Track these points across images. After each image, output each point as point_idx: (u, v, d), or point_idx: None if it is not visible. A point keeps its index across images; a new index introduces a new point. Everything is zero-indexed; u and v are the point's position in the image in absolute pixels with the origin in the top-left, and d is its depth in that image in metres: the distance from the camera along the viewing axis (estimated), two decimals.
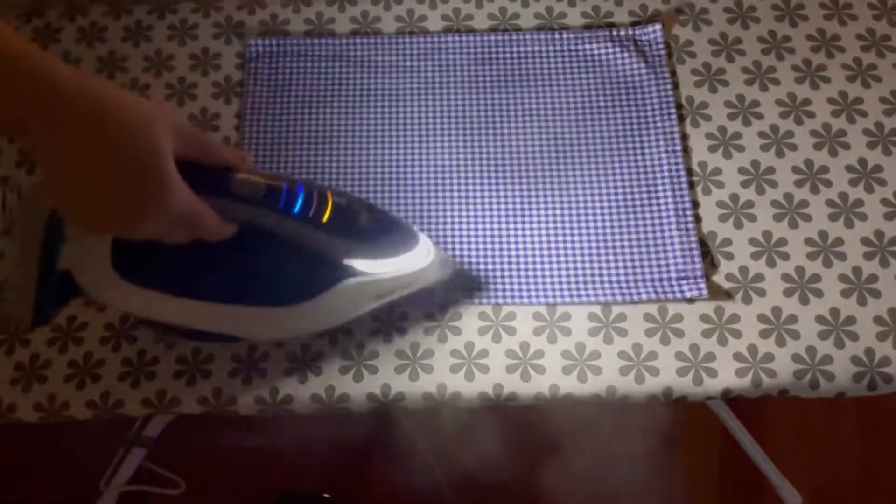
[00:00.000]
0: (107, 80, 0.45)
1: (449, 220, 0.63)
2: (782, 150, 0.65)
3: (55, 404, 0.58)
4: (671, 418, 1.24)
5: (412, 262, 0.57)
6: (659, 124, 0.66)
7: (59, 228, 0.51)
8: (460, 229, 0.63)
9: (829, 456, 1.23)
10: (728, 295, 0.60)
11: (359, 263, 0.55)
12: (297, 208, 0.50)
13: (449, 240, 0.62)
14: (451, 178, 0.65)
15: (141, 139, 0.43)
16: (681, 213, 0.62)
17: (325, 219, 0.52)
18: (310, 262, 0.54)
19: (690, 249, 0.61)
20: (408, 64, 0.69)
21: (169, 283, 0.54)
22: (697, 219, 0.62)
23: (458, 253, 0.62)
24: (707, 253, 0.61)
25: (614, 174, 0.64)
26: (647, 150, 0.65)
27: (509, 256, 0.62)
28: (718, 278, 0.60)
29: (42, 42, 0.71)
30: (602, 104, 0.67)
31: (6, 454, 1.10)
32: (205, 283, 0.55)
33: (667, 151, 0.65)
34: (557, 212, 0.63)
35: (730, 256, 0.61)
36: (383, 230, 0.56)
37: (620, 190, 0.64)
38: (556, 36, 0.70)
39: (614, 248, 0.62)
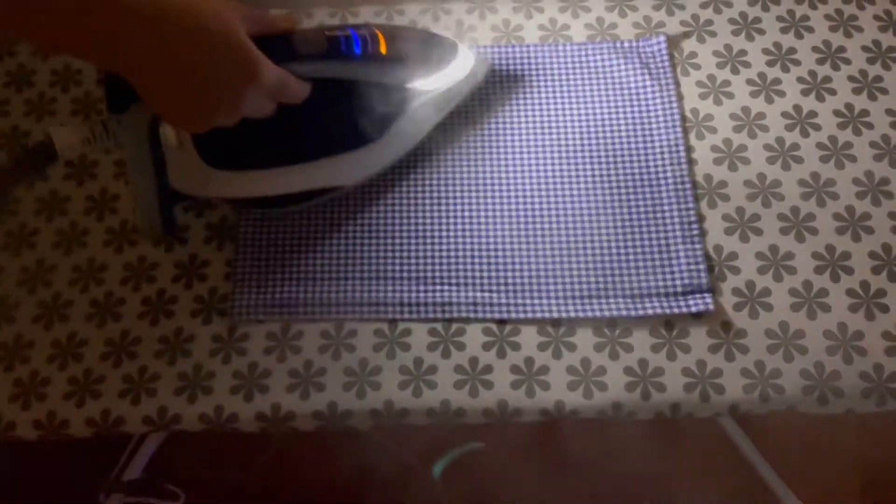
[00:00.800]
0: None
1: (452, 232, 0.63)
2: (788, 163, 0.64)
3: (55, 422, 0.58)
4: (674, 428, 1.24)
5: (459, 69, 0.63)
6: (664, 136, 0.65)
7: (157, 144, 0.55)
8: (464, 243, 0.62)
9: (831, 466, 1.22)
10: (734, 309, 0.59)
11: (419, 83, 0.60)
12: (357, 49, 0.55)
13: (453, 253, 0.62)
14: (454, 189, 0.64)
15: (222, 29, 0.47)
16: (686, 226, 0.62)
17: (383, 50, 0.57)
18: (381, 95, 0.59)
19: (696, 263, 0.60)
20: None
21: (259, 159, 0.59)
22: (703, 232, 0.62)
23: (461, 266, 0.61)
24: (713, 267, 0.61)
25: (619, 187, 0.64)
26: (651, 163, 0.64)
27: (514, 270, 0.61)
28: (725, 293, 0.60)
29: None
30: (606, 116, 0.67)
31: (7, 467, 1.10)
32: (293, 147, 0.59)
33: (672, 164, 0.64)
34: (562, 225, 0.63)
35: (736, 270, 0.61)
36: (430, 47, 0.61)
37: (626, 203, 0.63)
38: (560, 48, 0.69)
39: (619, 262, 0.61)
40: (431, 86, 0.62)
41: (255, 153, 0.59)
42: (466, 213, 0.63)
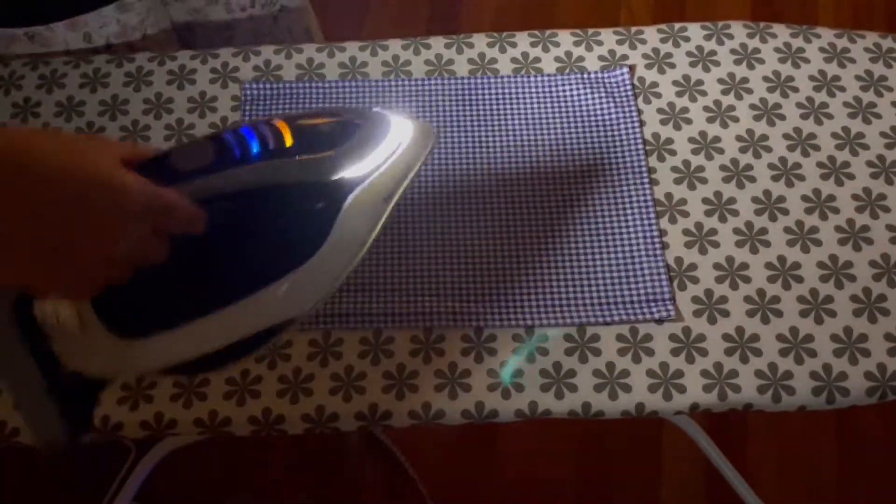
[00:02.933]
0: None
1: (433, 247, 0.67)
2: (742, 182, 0.70)
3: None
4: (656, 447, 1.27)
5: (396, 143, 0.50)
6: (628, 159, 0.70)
7: (34, 331, 0.44)
8: (442, 257, 0.67)
9: (807, 481, 1.26)
10: (694, 316, 0.64)
11: (348, 172, 0.48)
12: (255, 149, 0.45)
13: (434, 266, 0.66)
14: (431, 209, 0.69)
15: (70, 167, 0.39)
16: (649, 240, 0.67)
17: (288, 144, 0.46)
18: (303, 198, 0.48)
19: (659, 274, 0.65)
20: (393, 105, 0.74)
21: (184, 312, 0.47)
22: (665, 246, 0.67)
23: (440, 280, 0.66)
24: (674, 277, 0.65)
25: (587, 205, 0.69)
26: (617, 183, 0.69)
27: (489, 282, 0.66)
28: (685, 301, 0.64)
29: (48, 87, 0.75)
30: (575, 141, 0.72)
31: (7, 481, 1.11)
32: (219, 288, 0.48)
33: (635, 184, 0.69)
34: (535, 240, 0.67)
35: (695, 280, 0.65)
36: (350, 125, 0.50)
37: (593, 220, 0.68)
38: (532, 79, 0.75)
39: (588, 273, 0.66)
40: (364, 171, 0.49)
41: (176, 306, 0.48)
42: (446, 230, 0.68)
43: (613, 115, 0.73)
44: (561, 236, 0.67)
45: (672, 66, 0.76)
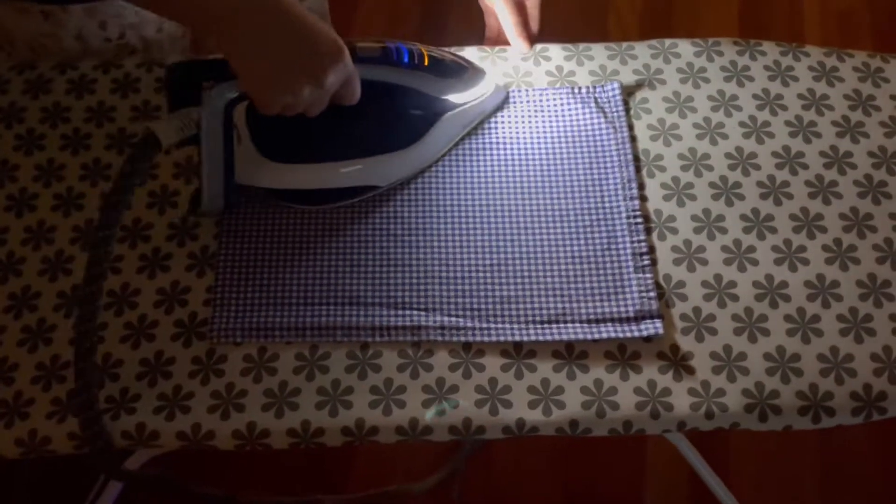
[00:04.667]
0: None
1: (422, 261, 0.67)
2: (731, 200, 0.70)
3: (36, 439, 0.60)
4: (640, 458, 1.28)
5: (484, 90, 0.71)
6: (618, 175, 0.70)
7: (230, 128, 0.62)
8: (433, 270, 0.66)
9: (791, 492, 1.26)
10: (682, 333, 0.64)
11: (452, 97, 0.69)
12: (406, 58, 0.64)
13: (422, 280, 0.66)
14: (424, 222, 0.69)
15: (312, 19, 0.56)
16: (638, 257, 0.67)
17: (426, 63, 0.65)
18: (420, 102, 0.68)
19: (647, 291, 0.65)
20: None
21: (310, 154, 0.66)
22: (654, 262, 0.67)
23: (428, 294, 0.65)
24: (662, 294, 0.65)
25: (576, 220, 0.69)
26: (607, 198, 0.69)
27: (479, 297, 0.65)
28: (673, 318, 0.65)
29: (34, 93, 0.74)
30: (565, 155, 0.72)
31: None
32: (340, 145, 0.67)
33: (625, 199, 0.69)
34: (524, 255, 0.67)
35: (683, 298, 0.65)
36: (464, 68, 0.69)
37: (582, 235, 0.68)
38: (523, 92, 0.75)
39: (576, 289, 0.66)
40: (461, 100, 0.69)
41: (306, 148, 0.66)
42: (435, 243, 0.68)
43: (604, 131, 0.73)
44: (550, 251, 0.67)
45: (663, 82, 0.76)
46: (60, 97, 0.74)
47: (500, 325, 0.64)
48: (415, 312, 0.65)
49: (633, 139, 0.73)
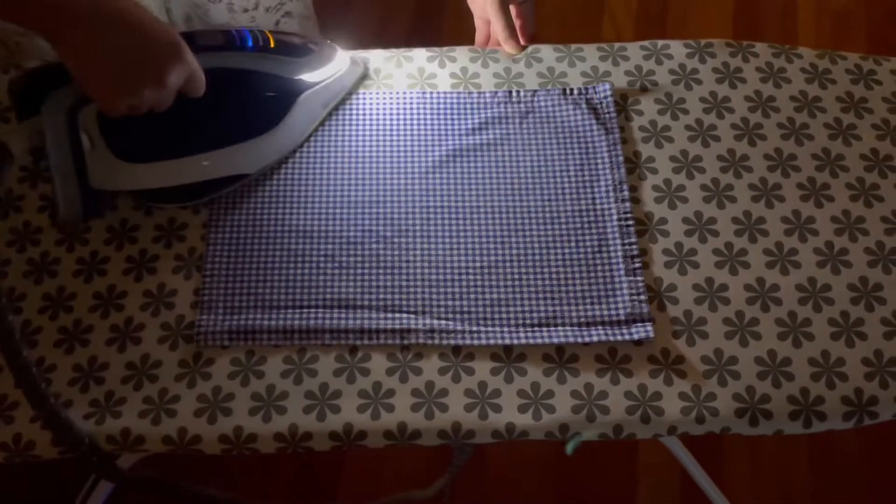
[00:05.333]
0: None
1: (411, 263, 0.66)
2: (723, 202, 0.69)
3: (21, 443, 0.59)
4: (631, 458, 1.27)
5: (339, 66, 0.71)
6: (609, 177, 0.70)
7: (76, 137, 0.61)
8: (420, 273, 0.66)
9: (782, 492, 1.26)
10: (673, 337, 0.63)
11: (306, 76, 0.69)
12: (250, 42, 0.64)
13: (411, 282, 0.65)
14: (413, 224, 0.68)
15: (151, 17, 0.57)
16: (629, 260, 0.66)
17: (272, 45, 0.66)
18: (273, 85, 0.67)
19: (638, 294, 0.65)
20: (377, 117, 0.73)
21: (166, 150, 0.65)
22: (645, 265, 0.66)
23: (417, 297, 0.65)
24: (653, 297, 0.65)
25: (567, 222, 0.68)
26: (598, 201, 0.69)
27: (468, 300, 0.65)
28: (664, 321, 0.64)
29: None
30: (556, 156, 0.71)
31: None
32: (196, 137, 0.66)
33: (616, 202, 0.69)
34: (514, 257, 0.67)
35: (674, 301, 0.65)
36: (312, 45, 0.69)
37: (573, 237, 0.67)
38: (514, 93, 0.74)
39: (567, 292, 0.65)
40: (316, 78, 0.69)
41: (162, 145, 0.65)
42: (425, 245, 0.67)
43: (595, 132, 0.72)
44: (541, 253, 0.67)
45: (654, 83, 0.75)
46: None
47: (489, 328, 0.64)
48: (404, 315, 0.64)
49: (624, 141, 0.72)
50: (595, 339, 0.63)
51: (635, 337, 0.63)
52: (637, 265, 0.66)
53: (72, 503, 1.01)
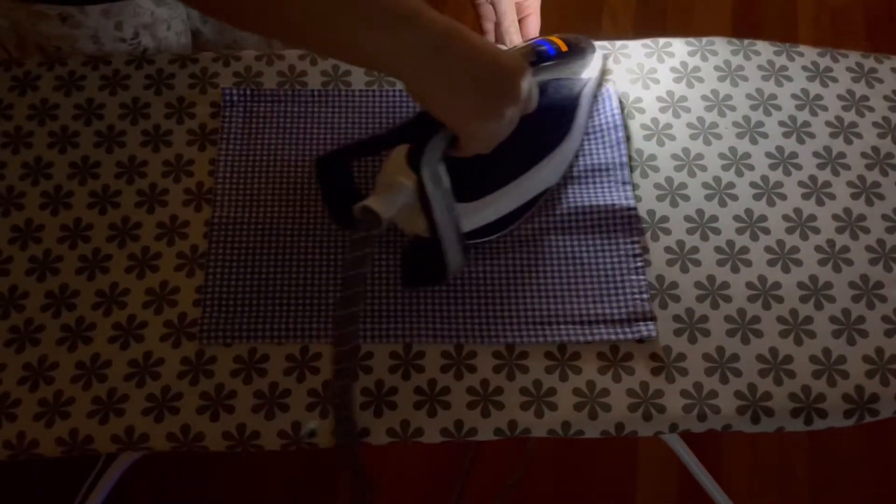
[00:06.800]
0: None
1: None
2: (724, 200, 0.69)
3: (25, 442, 0.59)
4: (631, 453, 1.28)
5: (598, 60, 0.72)
6: (612, 175, 0.70)
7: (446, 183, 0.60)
8: None
9: (781, 487, 1.27)
10: (674, 335, 0.64)
11: (585, 73, 0.70)
12: (552, 52, 0.66)
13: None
14: None
15: (484, 39, 0.56)
16: (631, 258, 0.66)
17: (564, 49, 0.67)
18: (565, 91, 0.68)
19: (640, 292, 0.65)
20: (376, 112, 0.73)
21: (493, 182, 0.64)
22: (647, 263, 0.66)
23: (420, 296, 0.65)
24: (655, 295, 0.65)
25: (570, 221, 0.68)
26: (601, 199, 0.69)
27: (471, 300, 0.65)
28: (666, 319, 0.64)
29: (21, 89, 0.73)
30: None
31: None
32: (518, 161, 0.65)
33: (619, 200, 0.69)
34: (516, 256, 0.67)
35: (676, 299, 0.65)
36: (582, 42, 0.70)
37: (576, 235, 0.67)
38: None
39: (570, 290, 0.65)
40: (590, 74, 0.71)
41: (491, 177, 0.64)
42: None
43: (598, 130, 0.72)
44: (542, 253, 0.67)
45: (657, 81, 0.75)
46: (94, 93, 0.73)
47: (491, 327, 0.64)
48: (406, 314, 0.64)
49: (626, 139, 0.72)
50: (597, 337, 0.63)
51: (638, 336, 0.63)
52: (639, 264, 0.66)
53: (72, 502, 1.01)
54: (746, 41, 0.78)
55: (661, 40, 0.78)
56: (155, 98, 0.73)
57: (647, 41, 0.78)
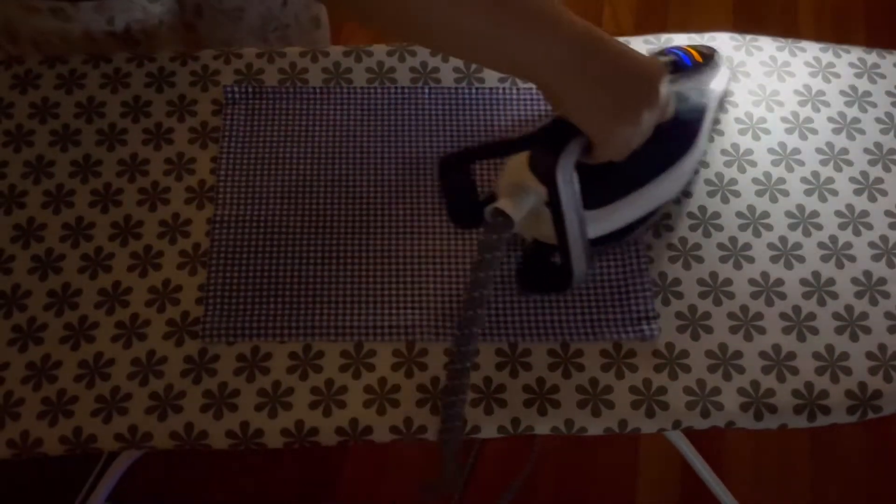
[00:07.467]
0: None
1: (417, 259, 0.66)
2: (727, 197, 0.69)
3: (28, 440, 0.59)
4: (633, 452, 1.28)
5: (725, 71, 0.71)
6: None
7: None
8: (427, 268, 0.66)
9: (783, 483, 1.27)
10: (677, 332, 0.64)
11: (713, 83, 0.69)
12: (688, 61, 0.66)
13: (416, 277, 0.65)
14: (417, 218, 0.68)
15: (620, 43, 0.55)
16: (635, 256, 0.66)
17: (699, 60, 0.67)
18: (695, 100, 0.67)
19: (644, 291, 0.65)
20: (378, 111, 0.73)
21: (617, 191, 0.62)
22: (650, 260, 0.66)
23: (422, 293, 0.65)
24: (658, 292, 0.65)
25: None
26: None
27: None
28: (669, 316, 0.64)
29: (22, 87, 0.73)
30: None
31: None
32: (644, 169, 0.63)
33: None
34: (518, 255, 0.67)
35: (679, 295, 0.65)
36: (712, 52, 0.70)
37: None
38: (517, 88, 0.74)
39: (573, 291, 0.65)
40: (720, 85, 0.70)
41: (617, 185, 0.62)
42: (430, 241, 0.67)
43: None
44: None
45: None
46: (95, 91, 0.73)
47: (494, 325, 0.64)
48: (409, 311, 0.64)
49: None
50: (600, 336, 0.63)
51: (640, 335, 0.63)
52: (643, 261, 0.66)
53: (73, 502, 1.01)
54: (748, 36, 0.78)
55: (663, 36, 0.78)
56: (156, 96, 0.73)
57: (649, 37, 0.77)
